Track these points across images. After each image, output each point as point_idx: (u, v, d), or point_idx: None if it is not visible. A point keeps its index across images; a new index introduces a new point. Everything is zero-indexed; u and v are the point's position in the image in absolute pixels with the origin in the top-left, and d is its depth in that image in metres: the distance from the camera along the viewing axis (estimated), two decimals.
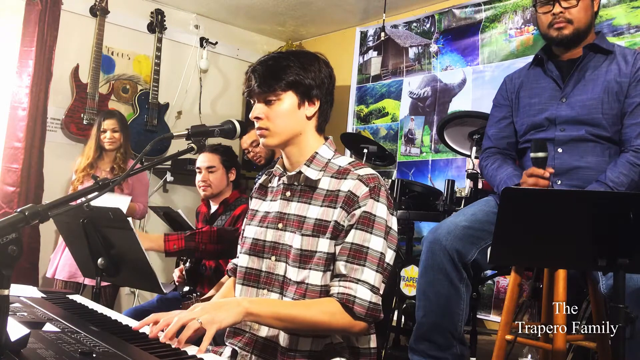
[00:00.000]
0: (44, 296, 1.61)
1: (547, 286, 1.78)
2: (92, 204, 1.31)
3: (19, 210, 0.99)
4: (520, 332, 1.69)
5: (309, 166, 1.44)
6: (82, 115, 3.99)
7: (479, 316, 3.14)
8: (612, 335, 1.43)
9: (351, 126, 4.55)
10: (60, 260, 3.29)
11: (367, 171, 1.39)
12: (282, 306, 1.32)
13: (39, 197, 3.72)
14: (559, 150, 1.97)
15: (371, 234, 1.34)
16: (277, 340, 1.39)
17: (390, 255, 1.38)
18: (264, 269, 1.46)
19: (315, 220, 1.38)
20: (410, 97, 4.18)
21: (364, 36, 4.59)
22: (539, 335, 1.82)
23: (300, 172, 1.45)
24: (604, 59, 2.00)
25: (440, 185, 3.59)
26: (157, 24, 4.40)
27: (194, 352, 1.12)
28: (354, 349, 1.41)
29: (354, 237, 1.34)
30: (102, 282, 1.95)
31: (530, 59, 2.19)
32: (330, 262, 1.36)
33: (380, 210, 1.35)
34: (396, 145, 4.21)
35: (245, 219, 1.61)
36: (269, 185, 1.58)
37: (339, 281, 1.33)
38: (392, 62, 4.35)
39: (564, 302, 1.58)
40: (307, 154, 1.45)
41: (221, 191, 2.84)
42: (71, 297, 1.69)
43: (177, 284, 2.84)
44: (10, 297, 0.95)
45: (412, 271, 2.80)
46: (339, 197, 1.37)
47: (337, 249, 1.35)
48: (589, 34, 2.03)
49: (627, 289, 1.43)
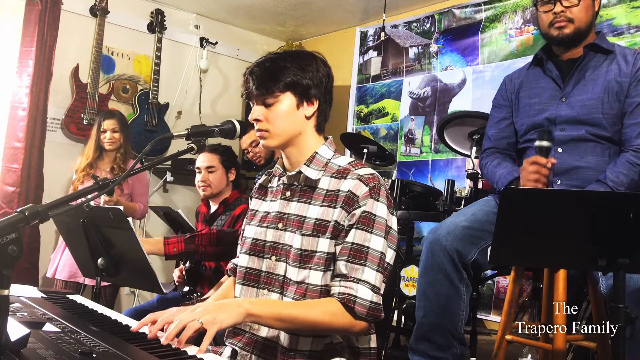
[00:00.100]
0: (44, 296, 1.61)
1: (547, 286, 1.78)
2: None
3: (19, 210, 0.99)
4: (520, 332, 1.69)
5: (308, 166, 1.44)
6: (82, 115, 3.99)
7: (479, 316, 3.13)
8: (612, 335, 1.43)
9: (351, 126, 4.55)
10: (60, 260, 3.29)
11: (367, 171, 1.40)
12: (283, 307, 1.32)
13: (39, 197, 3.72)
14: (559, 150, 1.97)
15: (371, 233, 1.34)
16: (277, 340, 1.39)
17: (390, 254, 1.38)
18: (264, 268, 1.46)
19: (315, 220, 1.38)
20: (410, 97, 4.18)
21: (364, 36, 4.59)
22: (539, 335, 1.83)
23: (300, 172, 1.45)
24: (604, 58, 2.00)
25: (440, 185, 3.59)
26: (157, 24, 4.40)
27: (194, 352, 1.13)
28: (354, 349, 1.41)
29: (355, 236, 1.34)
30: (102, 282, 1.95)
31: (530, 59, 2.19)
32: (330, 261, 1.36)
33: (380, 209, 1.36)
34: (396, 145, 4.21)
35: (245, 219, 1.61)
36: (269, 185, 1.58)
37: (340, 281, 1.33)
38: (392, 62, 4.35)
39: (564, 302, 1.58)
40: (307, 154, 1.45)
41: (221, 191, 2.84)
42: (71, 297, 1.69)
43: (177, 284, 2.84)
44: (10, 297, 0.95)
45: (412, 271, 2.79)
46: (338, 196, 1.37)
47: (338, 249, 1.35)
48: (590, 33, 2.03)
49: (627, 289, 1.43)
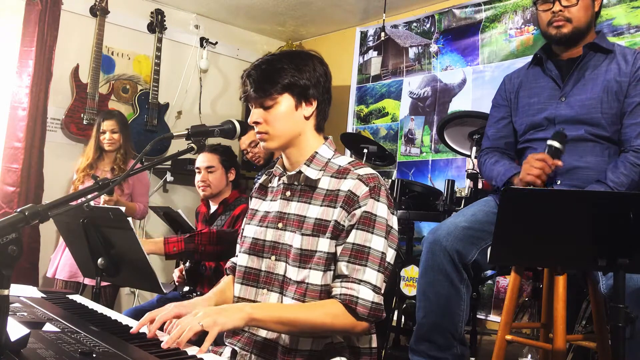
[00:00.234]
0: (44, 296, 1.61)
1: (547, 286, 1.78)
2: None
3: (19, 210, 0.99)
4: (520, 332, 1.69)
5: (308, 166, 1.44)
6: (82, 115, 3.99)
7: (479, 316, 3.13)
8: (612, 335, 1.43)
9: (351, 126, 4.55)
10: (60, 260, 3.29)
11: (367, 171, 1.39)
12: (285, 310, 1.32)
13: (39, 197, 3.72)
14: None
15: (372, 233, 1.34)
16: (277, 339, 1.38)
17: (391, 254, 1.38)
18: (264, 268, 1.46)
19: (315, 219, 1.38)
20: (410, 97, 4.18)
21: (364, 36, 4.59)
22: (539, 335, 1.83)
23: (300, 172, 1.45)
24: (604, 58, 1.99)
25: (440, 185, 3.59)
26: (157, 24, 4.40)
27: (194, 352, 1.13)
28: (354, 349, 1.41)
29: (355, 237, 1.34)
30: (102, 282, 1.95)
31: (530, 59, 2.19)
32: (330, 261, 1.36)
33: (380, 209, 1.35)
34: (396, 145, 4.21)
35: (244, 218, 1.61)
36: (269, 185, 1.58)
37: (341, 282, 1.33)
38: (392, 62, 4.35)
39: (564, 302, 1.58)
40: (307, 154, 1.45)
41: (220, 191, 2.84)
42: (71, 297, 1.69)
43: (177, 284, 2.84)
44: (10, 297, 0.95)
45: (412, 271, 2.79)
46: (339, 196, 1.37)
47: (339, 250, 1.35)
48: (589, 33, 2.03)
49: (627, 289, 1.42)
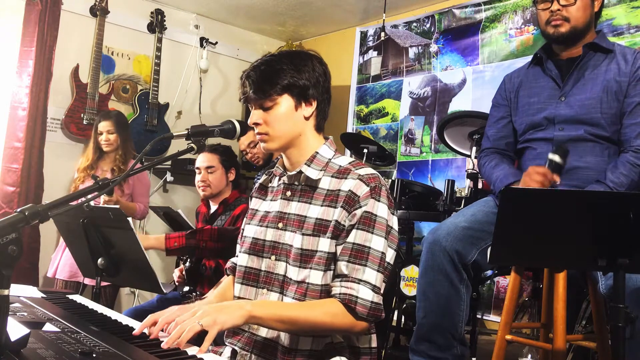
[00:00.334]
0: (44, 296, 1.61)
1: (547, 286, 1.78)
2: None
3: (19, 210, 0.99)
4: (520, 332, 1.69)
5: (309, 166, 1.44)
6: (82, 115, 3.99)
7: (479, 316, 3.13)
8: (612, 335, 1.43)
9: (351, 126, 4.55)
10: (60, 260, 3.29)
11: (367, 171, 1.40)
12: (285, 308, 1.32)
13: (39, 197, 3.72)
14: None
15: (372, 233, 1.34)
16: (277, 339, 1.39)
17: (391, 254, 1.38)
18: (264, 268, 1.46)
19: (315, 219, 1.38)
20: (410, 97, 4.18)
21: (364, 36, 4.59)
22: (539, 335, 1.83)
23: (300, 172, 1.45)
24: (604, 57, 1.99)
25: (440, 185, 3.59)
26: (157, 24, 4.40)
27: (194, 352, 1.13)
28: (354, 349, 1.41)
29: (355, 237, 1.34)
30: (102, 282, 1.95)
31: (530, 59, 2.19)
32: (330, 261, 1.36)
33: (381, 210, 1.36)
34: (396, 145, 4.21)
35: (245, 218, 1.61)
36: (269, 185, 1.58)
37: (341, 281, 1.33)
38: (392, 62, 4.35)
39: (564, 302, 1.58)
40: (307, 154, 1.45)
41: (221, 191, 2.84)
42: (71, 297, 1.69)
43: (177, 284, 2.84)
44: (10, 297, 0.95)
45: (412, 271, 2.79)
46: (339, 196, 1.37)
47: (339, 249, 1.36)
48: (588, 32, 2.02)
49: (627, 289, 1.42)
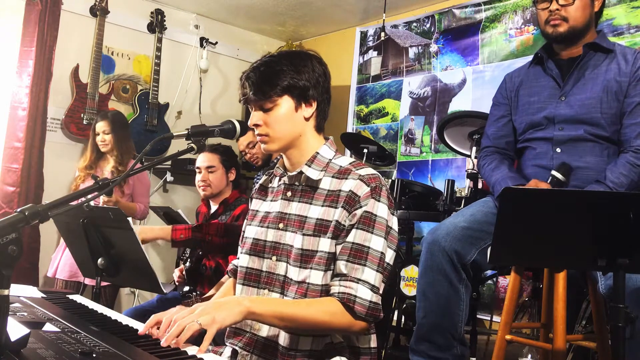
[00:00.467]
0: (44, 296, 1.61)
1: (547, 286, 1.78)
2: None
3: (19, 210, 0.99)
4: (520, 332, 1.69)
5: (309, 166, 1.44)
6: (82, 115, 3.98)
7: (479, 316, 3.13)
8: (612, 335, 1.43)
9: (351, 126, 4.55)
10: (61, 259, 3.29)
11: (368, 171, 1.40)
12: (283, 305, 1.32)
13: (39, 197, 3.72)
14: (558, 150, 1.97)
15: (372, 233, 1.34)
16: (278, 340, 1.39)
17: (390, 255, 1.38)
18: (265, 268, 1.46)
19: (316, 220, 1.38)
20: (410, 97, 4.18)
21: (364, 36, 4.59)
22: (539, 335, 1.83)
23: (301, 172, 1.45)
24: (604, 57, 1.99)
25: (440, 185, 3.59)
26: (157, 24, 4.40)
27: (194, 352, 1.13)
28: (354, 349, 1.41)
29: (355, 236, 1.34)
30: (102, 282, 1.95)
31: (530, 59, 2.19)
32: (331, 261, 1.36)
33: (381, 210, 1.36)
34: (396, 145, 4.21)
35: (245, 219, 1.61)
36: (270, 185, 1.58)
37: (340, 281, 1.33)
38: (392, 62, 4.35)
39: (564, 302, 1.58)
40: (307, 155, 1.45)
41: (221, 191, 2.84)
42: (71, 297, 1.69)
43: (177, 284, 2.84)
44: (10, 297, 0.95)
45: (412, 271, 2.79)
46: (340, 197, 1.37)
47: (338, 249, 1.36)
48: (588, 32, 2.02)
49: (627, 289, 1.42)
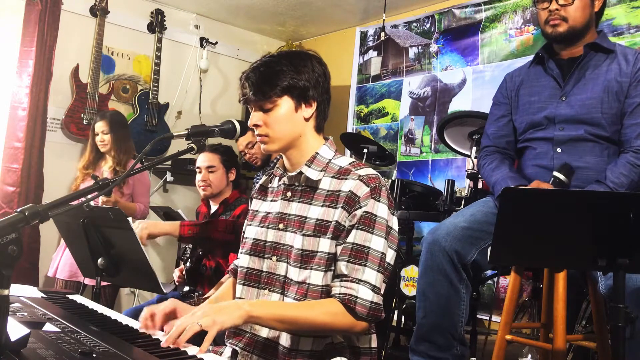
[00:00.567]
0: (44, 296, 1.61)
1: (547, 286, 1.78)
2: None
3: (19, 210, 0.99)
4: (520, 332, 1.69)
5: (309, 166, 1.44)
6: (82, 115, 3.99)
7: (479, 316, 3.13)
8: (612, 335, 1.43)
9: (351, 126, 4.55)
10: (61, 259, 3.29)
11: (367, 171, 1.40)
12: (284, 308, 1.32)
13: (39, 197, 3.72)
14: (558, 150, 1.97)
15: (372, 234, 1.34)
16: (278, 340, 1.39)
17: (391, 255, 1.38)
18: (265, 269, 1.46)
19: (316, 220, 1.38)
20: (410, 97, 4.18)
21: (364, 36, 4.59)
22: (539, 335, 1.83)
23: (300, 173, 1.45)
24: (605, 58, 1.99)
25: (440, 185, 3.59)
26: (157, 24, 4.40)
27: (195, 352, 1.13)
28: (354, 349, 1.41)
29: (355, 237, 1.34)
30: (102, 282, 1.96)
31: (530, 58, 2.19)
32: (331, 262, 1.36)
33: (381, 210, 1.36)
34: (396, 145, 4.21)
35: (245, 219, 1.61)
36: (270, 185, 1.58)
37: (341, 281, 1.33)
38: (392, 62, 4.35)
39: (564, 302, 1.58)
40: (307, 155, 1.45)
41: (221, 191, 2.84)
42: (71, 297, 1.70)
43: (177, 284, 2.84)
44: (10, 297, 0.95)
45: (412, 271, 2.79)
46: (339, 197, 1.37)
47: (339, 249, 1.36)
48: (588, 32, 2.02)
49: (627, 289, 1.42)
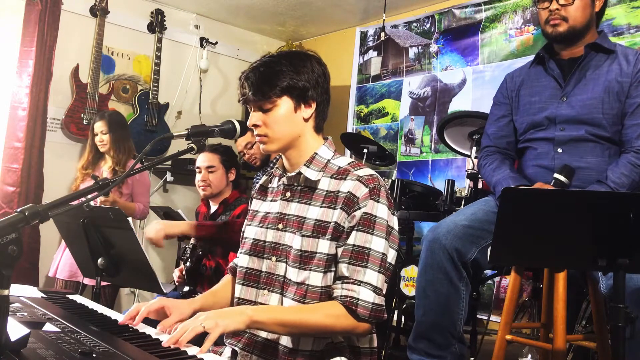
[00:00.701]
0: (44, 296, 1.61)
1: (547, 286, 1.78)
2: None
3: (19, 210, 0.99)
4: (520, 332, 1.69)
5: (308, 167, 1.44)
6: (82, 115, 3.99)
7: (479, 316, 3.13)
8: (612, 335, 1.43)
9: (351, 126, 4.55)
10: (61, 259, 3.29)
11: (366, 172, 1.39)
12: (286, 312, 1.32)
13: (39, 197, 3.72)
14: (559, 150, 1.97)
15: (372, 235, 1.34)
16: (278, 340, 1.38)
17: (392, 255, 1.38)
18: (264, 269, 1.46)
19: (315, 221, 1.38)
20: (410, 97, 4.18)
21: (364, 36, 4.59)
22: (539, 335, 1.83)
23: (299, 173, 1.44)
24: (606, 58, 1.99)
25: (440, 185, 3.59)
26: (157, 24, 4.40)
27: (195, 352, 1.13)
28: (354, 349, 1.41)
29: (355, 238, 1.34)
30: (102, 282, 1.96)
31: (530, 59, 2.19)
32: (330, 263, 1.36)
33: (380, 210, 1.35)
34: (396, 145, 4.21)
35: (245, 219, 1.61)
36: (269, 186, 1.58)
37: (342, 283, 1.33)
38: (392, 62, 4.35)
39: (564, 302, 1.58)
40: (306, 155, 1.45)
41: (221, 191, 2.84)
42: (71, 297, 1.69)
43: (177, 284, 2.84)
44: (10, 297, 0.95)
45: (412, 271, 2.79)
46: (338, 198, 1.37)
47: (339, 251, 1.35)
48: (588, 32, 2.02)
49: (627, 289, 1.42)
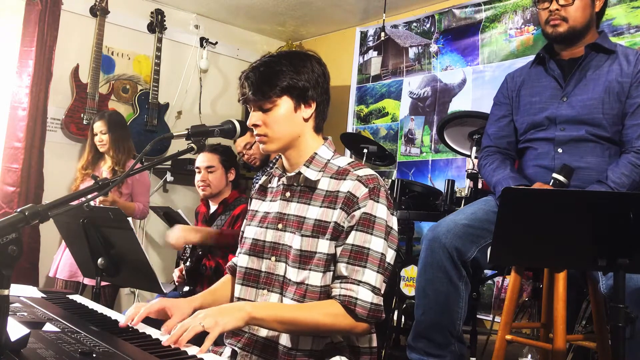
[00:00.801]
0: (44, 296, 1.61)
1: (547, 286, 1.78)
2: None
3: (19, 210, 0.99)
4: (520, 332, 1.69)
5: (308, 167, 1.44)
6: (82, 115, 3.98)
7: (479, 316, 3.13)
8: (612, 335, 1.43)
9: (351, 126, 4.55)
10: (61, 259, 3.29)
11: (366, 172, 1.39)
12: (285, 310, 1.32)
13: (39, 197, 3.72)
14: (559, 150, 1.97)
15: (371, 235, 1.34)
16: (278, 340, 1.39)
17: (391, 255, 1.38)
18: (264, 269, 1.46)
19: (314, 220, 1.38)
20: (410, 97, 4.18)
21: (364, 36, 4.59)
22: (539, 335, 1.83)
23: (299, 173, 1.45)
24: (606, 58, 1.99)
25: (440, 185, 3.59)
26: (157, 24, 4.40)
27: (195, 352, 1.13)
28: (354, 348, 1.41)
29: (355, 238, 1.34)
30: (102, 282, 1.96)
31: (530, 59, 2.19)
32: (330, 263, 1.36)
33: (380, 211, 1.35)
34: (396, 145, 4.21)
35: (245, 219, 1.61)
36: (269, 185, 1.58)
37: (340, 283, 1.33)
38: (392, 62, 4.35)
39: (564, 302, 1.58)
40: (306, 155, 1.45)
41: (220, 191, 2.84)
42: (71, 297, 1.70)
43: (177, 284, 2.84)
44: (10, 297, 0.95)
45: (412, 271, 2.79)
46: (338, 197, 1.37)
47: (338, 251, 1.36)
48: (589, 32, 2.02)
49: (627, 289, 1.43)
